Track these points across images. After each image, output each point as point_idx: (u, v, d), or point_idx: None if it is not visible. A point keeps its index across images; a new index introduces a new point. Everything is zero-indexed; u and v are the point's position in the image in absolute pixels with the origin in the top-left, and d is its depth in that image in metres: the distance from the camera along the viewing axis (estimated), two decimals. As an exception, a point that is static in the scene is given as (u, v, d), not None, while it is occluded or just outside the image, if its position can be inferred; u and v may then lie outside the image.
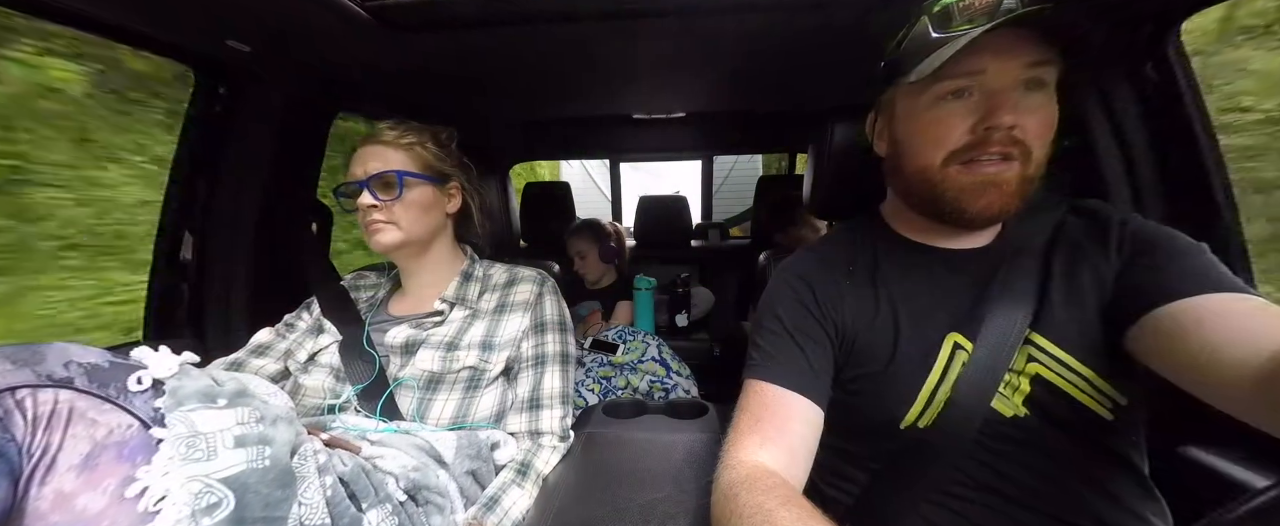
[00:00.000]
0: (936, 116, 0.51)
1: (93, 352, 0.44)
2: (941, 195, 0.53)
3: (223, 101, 0.94)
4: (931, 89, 0.51)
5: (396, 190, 0.73)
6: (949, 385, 0.52)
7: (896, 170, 0.58)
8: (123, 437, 0.42)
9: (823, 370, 0.56)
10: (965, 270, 0.57)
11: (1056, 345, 0.51)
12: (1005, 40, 0.47)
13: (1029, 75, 0.49)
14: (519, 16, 0.80)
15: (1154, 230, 0.53)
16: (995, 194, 0.50)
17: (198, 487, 0.41)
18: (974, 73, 0.49)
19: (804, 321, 0.57)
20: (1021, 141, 0.49)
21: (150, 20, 0.76)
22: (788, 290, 0.60)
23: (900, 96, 0.56)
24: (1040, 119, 0.50)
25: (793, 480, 0.49)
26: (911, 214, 0.60)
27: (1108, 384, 0.49)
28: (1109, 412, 0.49)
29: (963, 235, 0.58)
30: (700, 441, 0.80)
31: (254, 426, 0.47)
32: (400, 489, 0.57)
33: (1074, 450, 0.50)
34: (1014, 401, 0.51)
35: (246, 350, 0.80)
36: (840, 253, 0.63)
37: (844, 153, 0.78)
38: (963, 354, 0.52)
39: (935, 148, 0.52)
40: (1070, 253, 0.54)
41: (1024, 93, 0.49)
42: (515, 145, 2.06)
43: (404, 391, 0.72)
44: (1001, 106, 0.48)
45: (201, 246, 0.96)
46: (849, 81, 1.17)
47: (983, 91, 0.50)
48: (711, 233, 2.38)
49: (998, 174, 0.50)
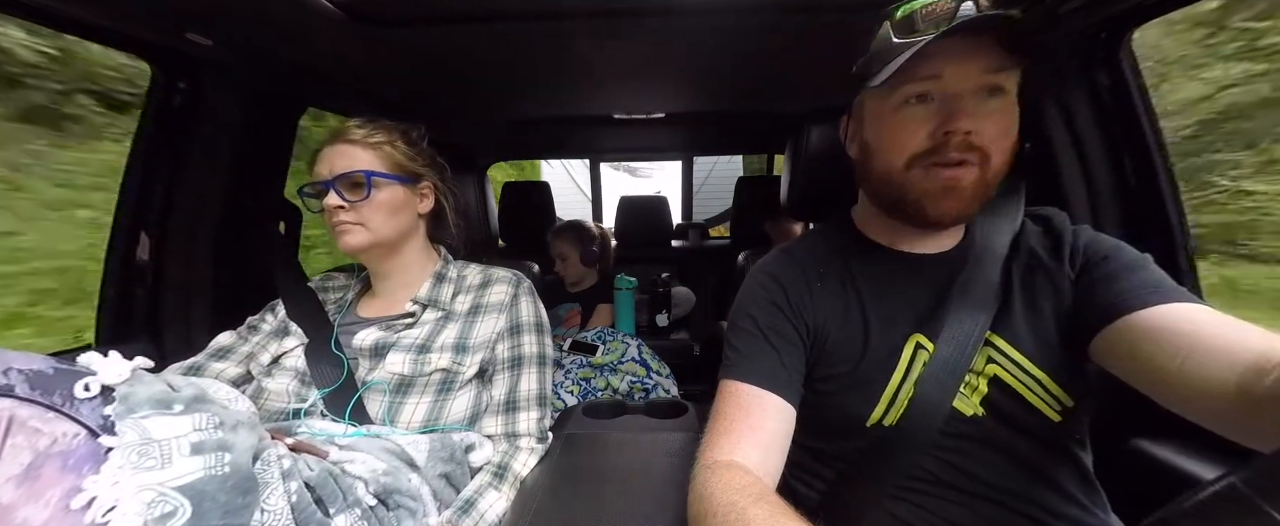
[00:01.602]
0: (900, 120, 0.53)
1: (36, 359, 0.42)
2: (904, 197, 0.54)
3: (182, 96, 0.90)
4: (896, 93, 0.53)
5: (365, 190, 0.71)
6: (911, 384, 0.53)
7: (866, 172, 0.60)
8: (68, 446, 0.40)
9: (795, 369, 0.57)
10: (929, 273, 0.58)
11: (1013, 347, 0.53)
12: (963, 47, 0.49)
13: (986, 81, 0.50)
14: (495, 14, 0.79)
15: (1103, 242, 0.55)
16: (954, 198, 0.52)
17: (150, 496, 0.39)
18: (932, 77, 0.50)
19: (776, 321, 0.59)
20: (979, 147, 0.50)
21: (105, 12, 0.72)
22: (760, 291, 0.61)
23: (869, 100, 0.58)
24: (997, 124, 0.51)
25: (767, 477, 0.50)
26: (879, 217, 0.61)
27: (1058, 387, 0.51)
28: (1057, 414, 0.52)
29: (927, 239, 0.60)
30: (680, 441, 0.80)
31: (213, 432, 0.45)
32: (370, 493, 0.56)
33: (1024, 447, 0.53)
34: (973, 401, 0.53)
35: (206, 354, 0.77)
36: (812, 255, 0.64)
37: (820, 154, 0.80)
38: (924, 354, 0.54)
39: (898, 151, 0.53)
40: (1028, 259, 0.57)
41: (983, 99, 0.50)
42: (493, 144, 2.04)
43: (373, 395, 0.70)
44: (959, 113, 0.49)
45: (159, 247, 0.92)
46: (826, 84, 1.19)
47: (942, 97, 0.51)
48: (692, 233, 2.40)
49: (956, 178, 0.51)
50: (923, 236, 0.60)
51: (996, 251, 0.57)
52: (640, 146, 2.41)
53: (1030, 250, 0.57)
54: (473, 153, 1.94)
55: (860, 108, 0.60)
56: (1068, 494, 0.53)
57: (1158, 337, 0.44)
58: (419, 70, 1.05)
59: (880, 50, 0.54)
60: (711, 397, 0.59)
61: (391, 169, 0.74)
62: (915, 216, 0.55)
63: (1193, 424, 0.43)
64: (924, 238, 0.60)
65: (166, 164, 0.91)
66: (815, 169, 0.81)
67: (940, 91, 0.51)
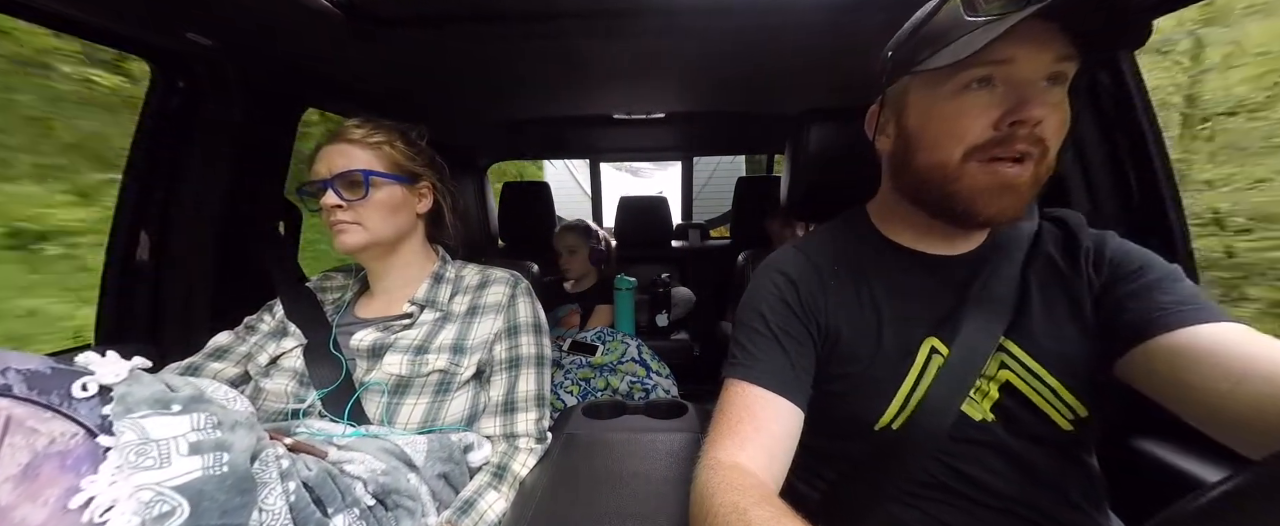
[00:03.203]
0: (958, 107, 0.48)
1: (33, 359, 0.42)
2: (955, 193, 0.49)
3: (182, 96, 0.90)
4: (954, 78, 0.47)
5: (363, 190, 0.71)
6: (923, 389, 0.52)
7: (904, 166, 0.54)
8: (66, 446, 0.40)
9: (805, 370, 0.55)
10: (947, 275, 0.56)
11: (1028, 354, 0.51)
12: (1041, 29, 0.44)
13: (1056, 69, 0.46)
14: (496, 14, 0.79)
15: (1135, 253, 0.53)
16: (1011, 196, 0.48)
17: (148, 496, 0.39)
18: (1003, 61, 0.45)
19: (788, 321, 0.56)
20: (1042, 139, 0.46)
21: (105, 12, 0.72)
22: (773, 288, 0.59)
23: (915, 86, 0.52)
24: (1061, 115, 0.47)
25: (770, 481, 0.49)
26: (907, 214, 0.57)
27: (1072, 396, 0.50)
28: (1068, 423, 0.50)
29: (950, 240, 0.57)
30: (680, 441, 0.80)
31: (211, 432, 0.45)
32: (368, 493, 0.56)
33: (1032, 454, 0.51)
34: (983, 406, 0.52)
35: (204, 354, 0.77)
36: (825, 251, 0.61)
37: (820, 154, 0.80)
38: (938, 358, 0.52)
39: (954, 141, 0.48)
40: (1046, 263, 0.54)
41: (1047, 87, 0.46)
42: (493, 144, 2.04)
43: (371, 395, 0.70)
44: (1030, 100, 0.45)
45: (159, 247, 0.92)
46: (826, 83, 1.19)
47: (1008, 83, 0.46)
48: (692, 233, 2.40)
49: (1016, 176, 0.47)
50: (952, 237, 0.56)
51: (1015, 254, 0.54)
52: (640, 146, 2.41)
53: (1048, 254, 0.55)
54: (473, 153, 1.95)
55: (900, 95, 0.54)
56: (1072, 501, 0.52)
57: (1205, 359, 0.42)
58: (419, 70, 1.05)
59: (942, 29, 0.48)
60: (712, 398, 0.58)
61: (390, 168, 0.74)
62: (964, 215, 0.50)
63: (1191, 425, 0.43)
64: (953, 238, 0.57)
65: (166, 164, 0.91)
66: (815, 168, 0.81)
67: (1006, 77, 0.46)
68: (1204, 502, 0.25)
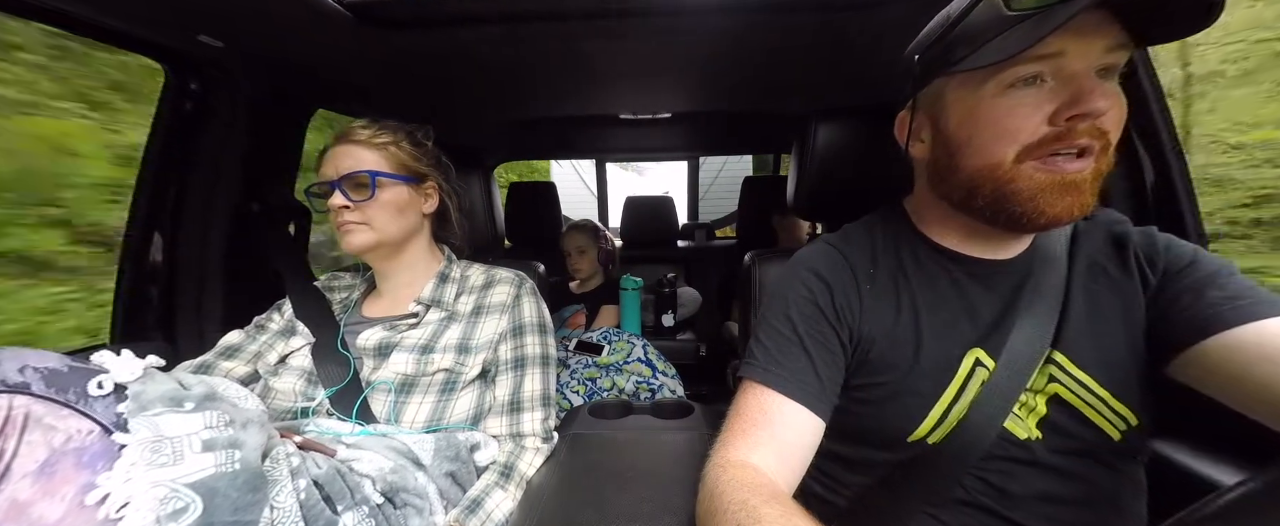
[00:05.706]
0: (1007, 106, 0.45)
1: (51, 357, 0.43)
2: (1013, 195, 0.46)
3: (194, 98, 0.92)
4: (996, 76, 0.45)
5: (369, 190, 0.72)
6: (965, 404, 0.49)
7: (949, 171, 0.50)
8: (82, 443, 0.40)
9: (830, 380, 0.52)
10: (992, 281, 0.53)
11: (1076, 365, 0.49)
12: (1093, 20, 0.42)
13: (1107, 60, 0.43)
14: (503, 15, 0.79)
15: (1184, 247, 0.50)
16: (1075, 194, 0.44)
17: (163, 493, 0.40)
18: (1051, 56, 0.43)
19: (817, 326, 0.53)
20: (1105, 132, 0.43)
21: (119, 15, 0.73)
22: (803, 289, 0.55)
23: (952, 88, 0.49)
24: (1121, 108, 0.44)
25: (782, 483, 0.48)
26: (952, 218, 0.54)
27: (1123, 405, 0.47)
28: (1118, 434, 0.48)
29: (996, 244, 0.54)
30: (686, 441, 0.80)
31: (223, 430, 0.46)
32: (377, 491, 0.56)
33: (1079, 468, 0.49)
34: (1028, 423, 0.49)
35: (215, 352, 0.78)
36: (861, 251, 0.58)
37: (827, 153, 0.79)
38: (983, 372, 0.49)
39: (1006, 141, 0.45)
40: (1089, 267, 0.52)
41: (1099, 79, 0.44)
42: (499, 144, 2.05)
43: (378, 394, 0.71)
44: (1089, 92, 0.42)
45: (172, 247, 0.94)
46: (833, 83, 1.19)
47: (1059, 77, 0.44)
48: (698, 233, 2.39)
49: (1078, 172, 0.44)
50: (999, 241, 0.53)
51: (1059, 258, 0.52)
52: (647, 146, 2.41)
53: (1090, 256, 0.52)
54: (479, 153, 1.96)
55: (934, 98, 0.51)
56: (1119, 509, 0.49)
57: (1265, 358, 0.40)
58: (426, 71, 1.06)
59: (979, 27, 0.45)
60: (718, 398, 0.58)
61: (396, 169, 0.74)
62: (1024, 217, 0.46)
63: (1209, 426, 0.42)
64: (1000, 243, 0.53)
65: (179, 164, 0.92)
66: (822, 168, 0.80)
67: (1056, 71, 0.44)
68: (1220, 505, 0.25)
